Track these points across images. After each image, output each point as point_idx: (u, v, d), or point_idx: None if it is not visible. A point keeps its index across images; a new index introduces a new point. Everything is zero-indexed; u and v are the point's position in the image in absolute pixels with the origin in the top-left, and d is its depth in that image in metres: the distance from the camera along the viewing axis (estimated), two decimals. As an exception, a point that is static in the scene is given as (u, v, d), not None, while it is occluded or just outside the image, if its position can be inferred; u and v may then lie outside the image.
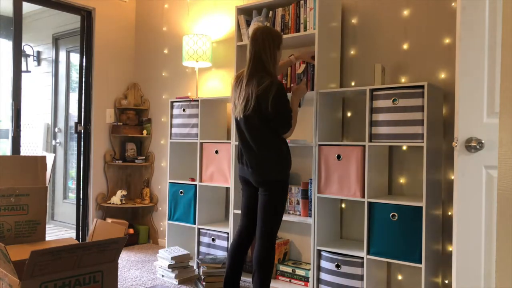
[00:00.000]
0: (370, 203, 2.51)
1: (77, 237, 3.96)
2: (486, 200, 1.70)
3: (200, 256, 3.15)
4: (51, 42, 4.98)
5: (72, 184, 4.89)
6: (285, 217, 2.85)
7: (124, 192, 3.96)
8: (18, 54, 3.53)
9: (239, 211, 3.04)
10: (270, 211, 2.34)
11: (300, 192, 2.89)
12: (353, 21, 2.93)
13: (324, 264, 2.66)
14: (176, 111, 3.43)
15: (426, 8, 2.65)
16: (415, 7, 2.69)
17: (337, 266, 2.59)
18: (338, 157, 2.62)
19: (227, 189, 3.46)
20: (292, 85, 2.91)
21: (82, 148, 3.98)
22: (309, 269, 2.83)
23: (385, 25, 2.80)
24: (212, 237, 3.19)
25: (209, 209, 3.34)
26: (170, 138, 3.45)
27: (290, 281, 2.90)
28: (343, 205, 2.93)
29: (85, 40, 3.98)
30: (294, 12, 2.85)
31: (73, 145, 4.84)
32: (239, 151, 2.46)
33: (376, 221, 2.47)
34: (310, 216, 2.83)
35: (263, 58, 2.32)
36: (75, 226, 4.00)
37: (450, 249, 2.52)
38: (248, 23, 3.09)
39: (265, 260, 2.33)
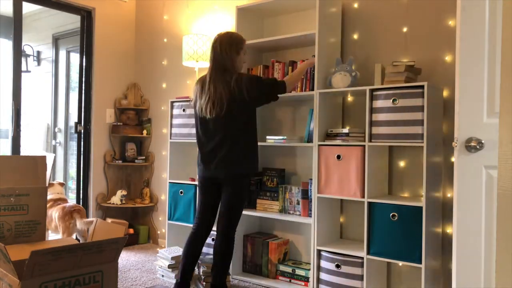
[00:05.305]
0: (370, 203, 2.51)
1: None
2: (486, 200, 1.71)
3: (200, 256, 3.14)
4: (51, 42, 4.98)
5: (72, 184, 4.89)
6: (285, 217, 2.85)
7: (124, 192, 3.96)
8: (18, 54, 3.53)
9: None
10: (235, 205, 2.52)
11: (300, 192, 2.89)
12: (353, 22, 2.93)
13: (324, 264, 2.66)
14: (176, 111, 3.43)
15: (426, 7, 2.65)
16: (416, 8, 2.69)
17: (337, 266, 2.59)
18: (338, 157, 2.62)
19: (227, 189, 3.46)
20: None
21: (82, 148, 3.98)
22: (309, 269, 2.83)
23: (386, 25, 2.80)
24: (212, 237, 3.18)
25: (209, 209, 3.34)
26: (170, 138, 3.45)
27: (290, 281, 2.90)
28: (343, 205, 2.93)
29: (85, 40, 3.98)
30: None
31: (73, 145, 4.84)
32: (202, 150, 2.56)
33: (376, 221, 2.47)
34: (310, 216, 2.83)
35: (224, 63, 2.48)
36: (75, 226, 4.00)
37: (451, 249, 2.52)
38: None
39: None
